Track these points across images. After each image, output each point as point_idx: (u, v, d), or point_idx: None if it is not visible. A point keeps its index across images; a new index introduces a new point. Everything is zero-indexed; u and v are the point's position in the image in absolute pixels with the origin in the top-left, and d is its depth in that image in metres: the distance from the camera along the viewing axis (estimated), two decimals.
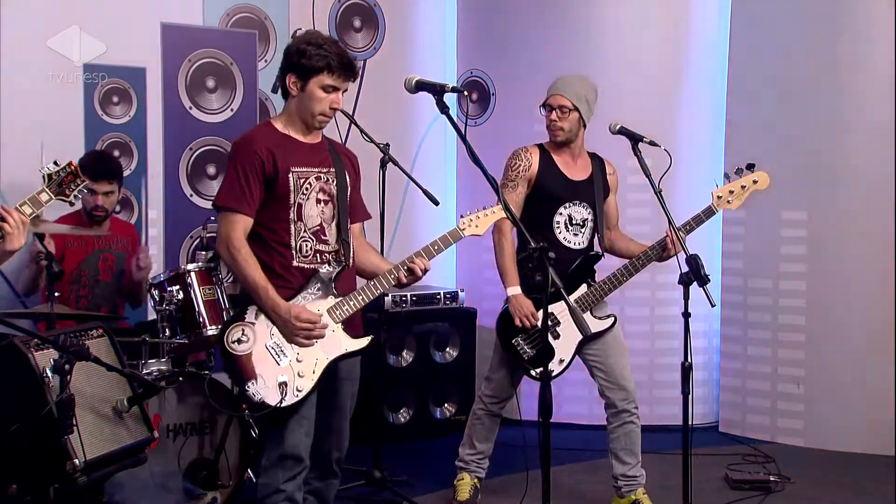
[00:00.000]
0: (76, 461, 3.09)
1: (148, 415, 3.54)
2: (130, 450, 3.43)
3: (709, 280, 3.73)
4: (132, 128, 5.33)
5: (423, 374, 5.80)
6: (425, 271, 3.48)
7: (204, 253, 4.58)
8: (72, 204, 3.25)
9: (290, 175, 3.36)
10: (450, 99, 3.14)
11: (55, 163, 3.17)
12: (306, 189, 3.40)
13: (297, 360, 3.33)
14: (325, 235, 3.44)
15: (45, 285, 4.36)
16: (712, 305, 3.76)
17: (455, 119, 3.13)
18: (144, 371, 4.04)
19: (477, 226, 3.55)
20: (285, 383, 3.30)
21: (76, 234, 4.62)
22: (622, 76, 5.93)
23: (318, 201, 3.42)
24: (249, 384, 3.28)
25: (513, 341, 4.31)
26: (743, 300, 5.91)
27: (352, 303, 3.42)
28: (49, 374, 3.09)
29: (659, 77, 6.03)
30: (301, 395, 3.32)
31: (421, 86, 3.17)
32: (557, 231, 4.34)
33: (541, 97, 4.42)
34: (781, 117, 5.73)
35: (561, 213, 4.35)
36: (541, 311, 3.74)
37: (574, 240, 4.37)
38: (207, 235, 4.82)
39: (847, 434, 5.56)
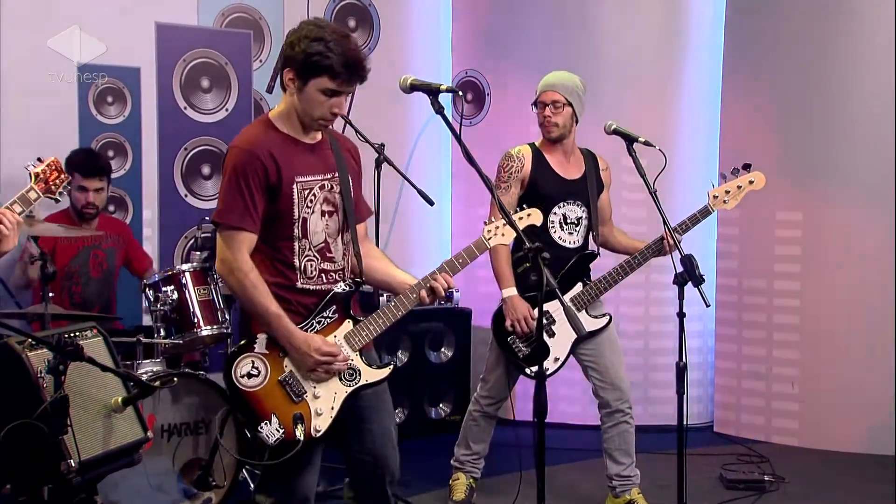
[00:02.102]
0: (70, 461, 3.07)
1: (142, 415, 3.52)
2: (125, 450, 3.41)
3: (703, 280, 3.72)
4: (127, 128, 5.33)
5: (418, 374, 5.79)
6: (448, 289, 3.12)
7: (198, 253, 4.58)
8: (57, 201, 3.23)
9: (295, 186, 3.01)
10: (444, 99, 3.13)
11: (39, 159, 3.14)
12: (311, 201, 3.04)
13: (315, 396, 3.03)
14: (330, 253, 3.10)
15: (38, 285, 4.36)
16: (707, 305, 3.76)
17: (450, 119, 3.12)
18: (139, 371, 4.04)
19: (503, 234, 3.18)
20: (302, 421, 2.97)
21: (69, 235, 4.61)
22: (618, 76, 5.94)
23: (323, 213, 3.08)
24: (263, 425, 2.96)
25: (508, 339, 4.31)
26: (738, 300, 5.92)
27: (371, 327, 3.10)
28: (43, 374, 3.07)
29: (654, 77, 6.04)
30: (319, 434, 3.02)
31: (416, 86, 3.15)
32: (552, 230, 4.34)
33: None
34: (776, 118, 5.74)
35: (555, 213, 4.35)
36: (536, 311, 3.72)
37: (569, 238, 4.36)
38: (202, 235, 4.82)
39: (841, 434, 5.57)
